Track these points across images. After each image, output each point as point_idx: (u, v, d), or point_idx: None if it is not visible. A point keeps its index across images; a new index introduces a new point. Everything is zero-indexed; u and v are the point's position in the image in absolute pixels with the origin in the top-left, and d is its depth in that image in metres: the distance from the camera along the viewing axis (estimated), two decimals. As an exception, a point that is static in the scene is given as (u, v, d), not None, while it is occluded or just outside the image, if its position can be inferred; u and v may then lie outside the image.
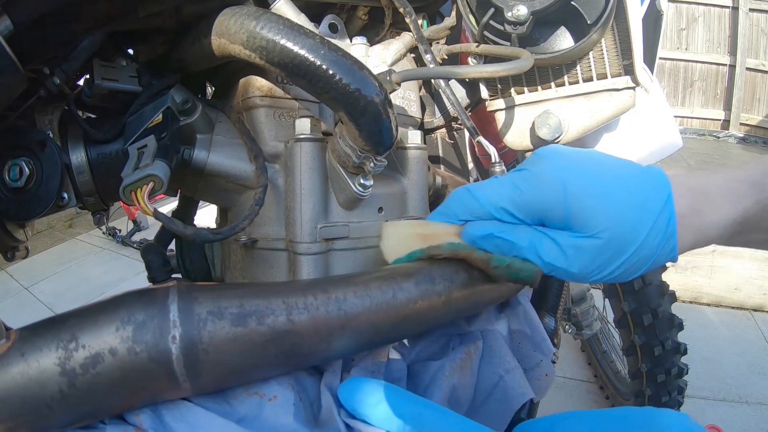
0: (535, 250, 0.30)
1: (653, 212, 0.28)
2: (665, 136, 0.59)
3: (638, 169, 0.30)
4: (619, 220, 0.28)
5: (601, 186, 0.29)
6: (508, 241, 0.30)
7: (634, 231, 0.28)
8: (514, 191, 0.30)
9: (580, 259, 0.29)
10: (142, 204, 0.30)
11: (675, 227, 0.29)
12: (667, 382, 1.05)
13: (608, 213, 0.28)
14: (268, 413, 0.26)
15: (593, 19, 0.40)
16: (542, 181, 0.29)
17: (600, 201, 0.28)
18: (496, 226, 0.31)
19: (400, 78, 0.36)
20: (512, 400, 0.36)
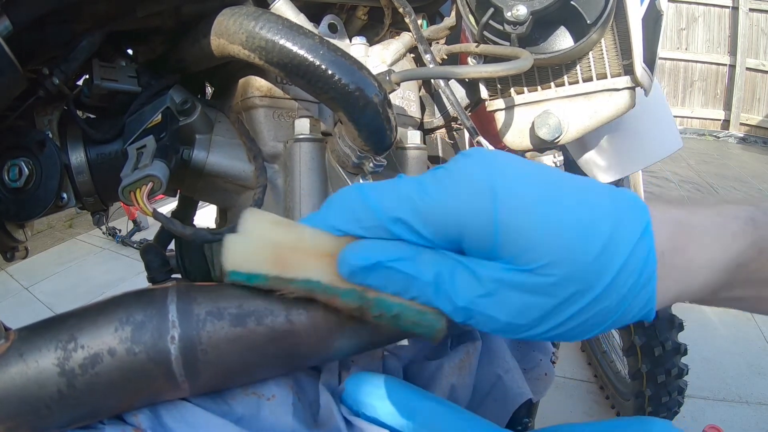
0: (443, 287, 0.21)
1: (625, 245, 0.20)
2: (665, 137, 0.59)
3: (605, 189, 0.22)
4: (577, 251, 0.19)
5: (551, 202, 0.20)
6: (404, 273, 0.21)
7: (597, 270, 0.19)
8: (419, 196, 0.21)
9: (511, 304, 0.20)
10: (142, 204, 0.30)
11: (654, 269, 0.20)
12: (667, 383, 1.05)
13: (560, 240, 0.19)
14: (267, 413, 0.26)
15: (593, 19, 0.40)
16: (462, 183, 0.20)
17: (549, 221, 0.20)
18: (389, 249, 0.21)
19: (399, 78, 0.36)
20: (511, 400, 0.36)
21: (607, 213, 0.20)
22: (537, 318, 0.20)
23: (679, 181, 3.20)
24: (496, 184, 0.20)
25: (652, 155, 0.58)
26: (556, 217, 0.20)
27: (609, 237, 0.20)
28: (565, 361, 1.50)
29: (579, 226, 0.20)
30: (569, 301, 0.20)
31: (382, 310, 0.22)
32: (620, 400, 1.26)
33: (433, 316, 0.22)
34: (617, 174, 0.58)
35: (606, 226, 0.20)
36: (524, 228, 0.20)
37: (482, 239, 0.20)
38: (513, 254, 0.20)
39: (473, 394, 0.37)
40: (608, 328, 0.21)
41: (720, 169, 3.56)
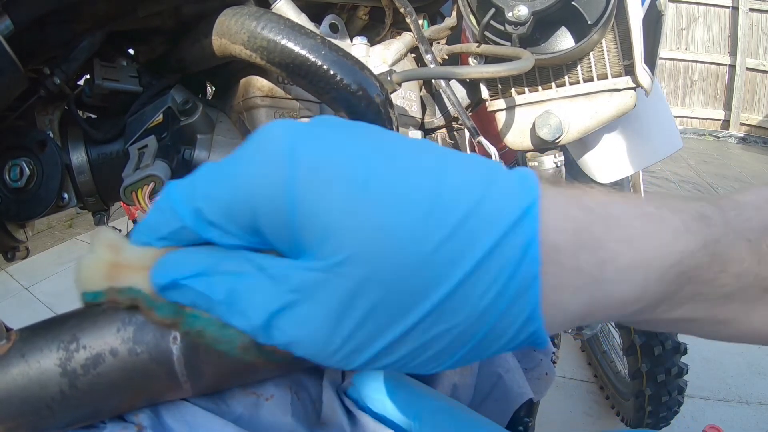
0: (237, 305, 0.16)
1: (491, 234, 0.13)
2: (665, 137, 0.59)
3: (472, 158, 0.16)
4: (400, 238, 0.13)
5: (375, 166, 0.14)
6: (197, 291, 0.17)
7: (431, 270, 0.13)
8: (213, 178, 0.16)
9: (313, 319, 0.15)
10: (143, 204, 0.31)
11: (537, 271, 0.14)
12: (667, 382, 1.05)
13: (373, 222, 0.13)
14: (265, 412, 0.26)
15: (594, 20, 0.40)
16: (257, 153, 0.15)
17: (363, 194, 0.14)
18: (183, 263, 0.17)
19: (400, 78, 0.36)
20: (511, 400, 0.36)
21: (462, 185, 0.14)
22: (346, 339, 0.15)
23: (679, 181, 3.20)
24: (297, 147, 0.14)
25: (653, 155, 0.58)
26: (376, 187, 0.14)
27: (464, 221, 0.13)
28: (565, 361, 1.50)
29: (410, 200, 0.13)
30: (399, 312, 0.14)
31: (189, 327, 0.20)
32: (620, 399, 1.26)
33: (234, 331, 0.19)
34: (618, 174, 0.58)
35: (459, 203, 0.14)
36: (326, 205, 0.14)
37: (278, 225, 0.15)
38: (315, 245, 0.14)
39: (474, 394, 0.37)
40: (467, 359, 0.15)
41: (720, 169, 3.56)
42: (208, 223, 0.16)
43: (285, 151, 0.14)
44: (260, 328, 0.16)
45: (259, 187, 0.15)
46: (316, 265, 0.14)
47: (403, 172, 0.14)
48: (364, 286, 0.13)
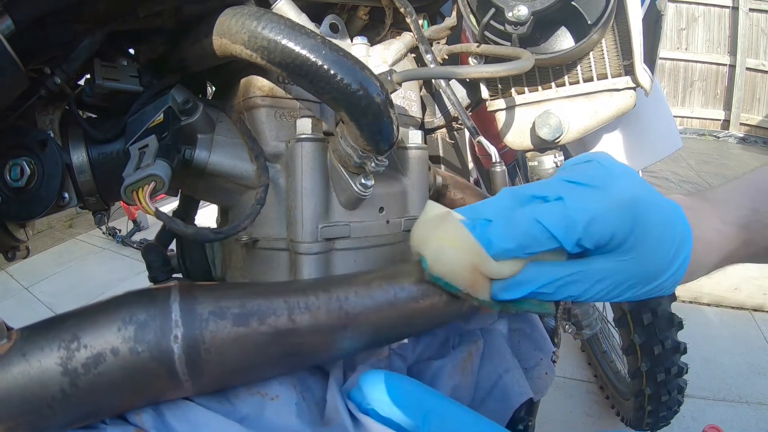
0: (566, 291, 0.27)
1: (683, 246, 0.27)
2: (665, 137, 0.59)
3: (662, 198, 0.28)
4: (666, 248, 0.26)
5: (661, 210, 0.27)
6: (544, 293, 0.28)
7: (669, 261, 0.27)
8: (577, 212, 0.26)
9: (609, 282, 0.27)
10: (144, 203, 0.30)
11: (687, 264, 0.27)
12: (667, 381, 1.05)
13: (664, 248, 0.26)
14: (271, 412, 0.26)
15: (594, 20, 0.40)
16: (611, 197, 0.26)
17: (663, 232, 0.27)
18: (537, 278, 0.27)
19: (400, 78, 0.36)
20: (511, 400, 0.36)
21: (677, 220, 0.27)
22: (618, 290, 0.27)
23: (679, 181, 3.20)
24: (639, 199, 0.27)
25: (653, 155, 0.58)
26: (667, 229, 0.27)
27: (680, 240, 0.27)
28: (565, 361, 1.50)
29: (673, 239, 0.27)
30: (648, 279, 0.27)
31: (518, 309, 0.29)
32: (620, 399, 1.26)
33: (549, 306, 0.28)
34: (618, 174, 0.58)
35: (677, 231, 0.27)
36: (653, 236, 0.26)
37: (617, 243, 0.26)
38: (626, 250, 0.26)
39: (474, 393, 0.37)
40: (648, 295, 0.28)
41: (720, 169, 3.56)
42: (556, 241, 0.26)
43: (631, 203, 0.27)
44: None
45: (617, 226, 0.26)
46: (624, 258, 0.27)
47: (663, 209, 0.27)
48: (650, 267, 0.27)
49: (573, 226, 0.26)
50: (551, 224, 0.26)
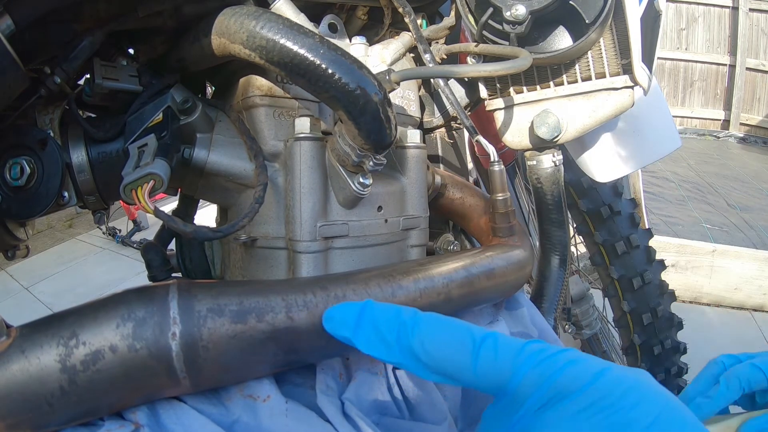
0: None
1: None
2: (664, 136, 0.59)
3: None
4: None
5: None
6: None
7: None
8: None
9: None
10: (143, 202, 0.31)
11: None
12: (667, 382, 1.05)
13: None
14: (263, 414, 0.26)
15: (592, 19, 0.40)
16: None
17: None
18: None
19: (399, 77, 0.36)
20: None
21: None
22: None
23: (679, 181, 3.20)
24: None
25: (651, 154, 0.58)
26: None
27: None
28: (564, 361, 1.50)
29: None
30: None
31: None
32: (620, 399, 1.26)
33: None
34: (616, 173, 0.58)
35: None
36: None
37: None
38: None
39: (468, 409, 0.37)
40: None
41: (720, 169, 3.56)
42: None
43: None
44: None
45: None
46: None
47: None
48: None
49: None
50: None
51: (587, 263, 1.14)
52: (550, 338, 0.43)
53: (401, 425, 0.31)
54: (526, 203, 1.12)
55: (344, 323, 0.24)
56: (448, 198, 0.53)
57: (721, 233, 2.26)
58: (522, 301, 0.45)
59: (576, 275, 1.04)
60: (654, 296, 0.99)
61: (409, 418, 0.32)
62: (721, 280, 1.91)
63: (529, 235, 0.57)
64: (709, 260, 1.92)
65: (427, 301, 0.32)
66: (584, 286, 1.00)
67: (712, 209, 2.67)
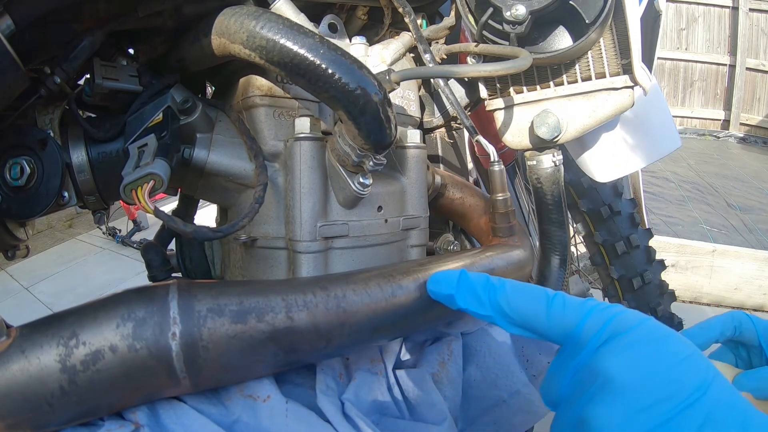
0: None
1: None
2: (664, 136, 0.59)
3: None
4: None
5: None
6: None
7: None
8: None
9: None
10: (143, 202, 0.31)
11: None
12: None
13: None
14: (263, 414, 0.26)
15: (591, 19, 0.40)
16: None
17: None
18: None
19: (399, 77, 0.36)
20: (513, 427, 0.36)
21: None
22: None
23: (679, 181, 3.20)
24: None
25: (651, 154, 0.58)
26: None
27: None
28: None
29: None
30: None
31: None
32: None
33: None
34: (616, 173, 0.58)
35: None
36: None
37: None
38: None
39: (469, 407, 0.37)
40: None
41: (720, 169, 3.56)
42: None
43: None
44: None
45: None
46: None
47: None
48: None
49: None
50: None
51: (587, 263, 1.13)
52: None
53: (401, 425, 0.31)
54: (526, 203, 1.12)
55: (448, 285, 0.29)
56: (448, 198, 0.53)
57: (720, 235, 2.26)
58: None
59: (576, 275, 1.04)
60: (654, 296, 0.99)
61: (409, 418, 0.32)
62: (721, 280, 1.91)
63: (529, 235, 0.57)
64: (709, 260, 1.92)
65: (427, 300, 0.32)
66: (584, 286, 1.00)
67: (712, 209, 2.67)
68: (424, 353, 0.37)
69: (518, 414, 0.38)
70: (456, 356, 0.37)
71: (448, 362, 0.36)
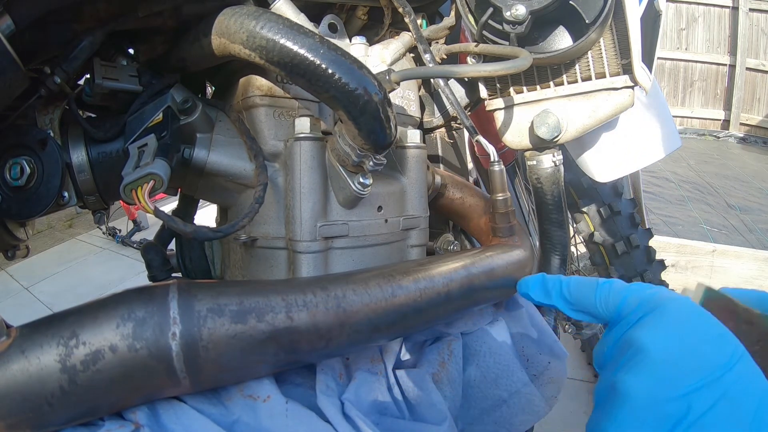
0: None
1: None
2: (664, 136, 0.59)
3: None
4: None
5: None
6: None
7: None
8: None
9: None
10: (143, 202, 0.31)
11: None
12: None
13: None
14: (263, 414, 0.26)
15: (592, 19, 0.40)
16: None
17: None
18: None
19: (399, 77, 0.36)
20: (514, 427, 0.36)
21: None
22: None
23: (679, 181, 3.20)
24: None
25: (651, 154, 0.58)
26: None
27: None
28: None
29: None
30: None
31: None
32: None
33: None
34: (616, 173, 0.58)
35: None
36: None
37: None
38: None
39: (470, 407, 0.37)
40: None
41: (720, 169, 3.55)
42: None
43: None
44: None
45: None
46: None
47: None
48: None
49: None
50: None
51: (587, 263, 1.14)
52: (548, 339, 0.43)
53: (401, 425, 0.31)
54: (526, 203, 1.12)
55: (526, 285, 0.36)
56: (448, 198, 0.53)
57: (720, 235, 2.26)
58: (521, 302, 0.45)
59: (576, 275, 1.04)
60: (654, 296, 0.99)
61: (409, 419, 0.32)
62: (721, 280, 1.91)
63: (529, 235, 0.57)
64: (709, 260, 1.92)
65: (427, 300, 0.32)
66: (584, 286, 1.00)
67: (712, 209, 2.67)
68: (424, 353, 0.37)
69: (518, 414, 0.38)
70: (456, 356, 0.37)
71: (448, 362, 0.36)
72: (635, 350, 0.26)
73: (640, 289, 0.29)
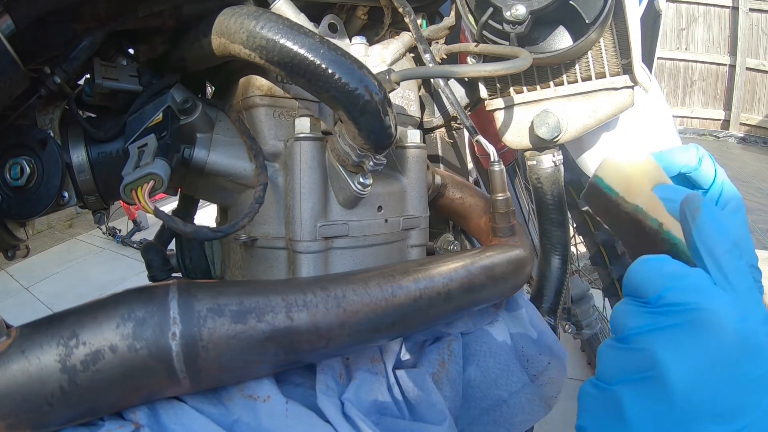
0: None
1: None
2: (664, 136, 0.59)
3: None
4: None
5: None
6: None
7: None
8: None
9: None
10: (143, 202, 0.31)
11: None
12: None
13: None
14: (263, 414, 0.26)
15: (592, 19, 0.40)
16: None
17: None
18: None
19: (399, 77, 0.36)
20: (514, 427, 0.36)
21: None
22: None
23: (679, 181, 3.20)
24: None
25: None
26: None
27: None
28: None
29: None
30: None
31: (669, 238, 0.32)
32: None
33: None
34: (616, 173, 0.58)
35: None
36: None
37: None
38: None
39: (469, 407, 0.37)
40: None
41: (720, 169, 3.55)
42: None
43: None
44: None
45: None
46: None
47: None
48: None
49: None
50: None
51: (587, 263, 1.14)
52: (548, 339, 0.43)
53: (401, 425, 0.31)
54: (526, 203, 1.12)
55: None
56: (448, 198, 0.53)
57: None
58: (521, 303, 0.45)
59: (576, 275, 1.04)
60: (654, 296, 0.99)
61: (409, 419, 0.32)
62: (721, 280, 1.91)
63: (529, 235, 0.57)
64: (709, 260, 1.91)
65: (427, 300, 0.32)
66: (584, 286, 1.00)
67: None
68: (424, 353, 0.37)
69: (518, 414, 0.38)
70: (456, 356, 0.37)
71: (448, 362, 0.36)
72: (655, 372, 0.23)
73: (687, 287, 0.25)
